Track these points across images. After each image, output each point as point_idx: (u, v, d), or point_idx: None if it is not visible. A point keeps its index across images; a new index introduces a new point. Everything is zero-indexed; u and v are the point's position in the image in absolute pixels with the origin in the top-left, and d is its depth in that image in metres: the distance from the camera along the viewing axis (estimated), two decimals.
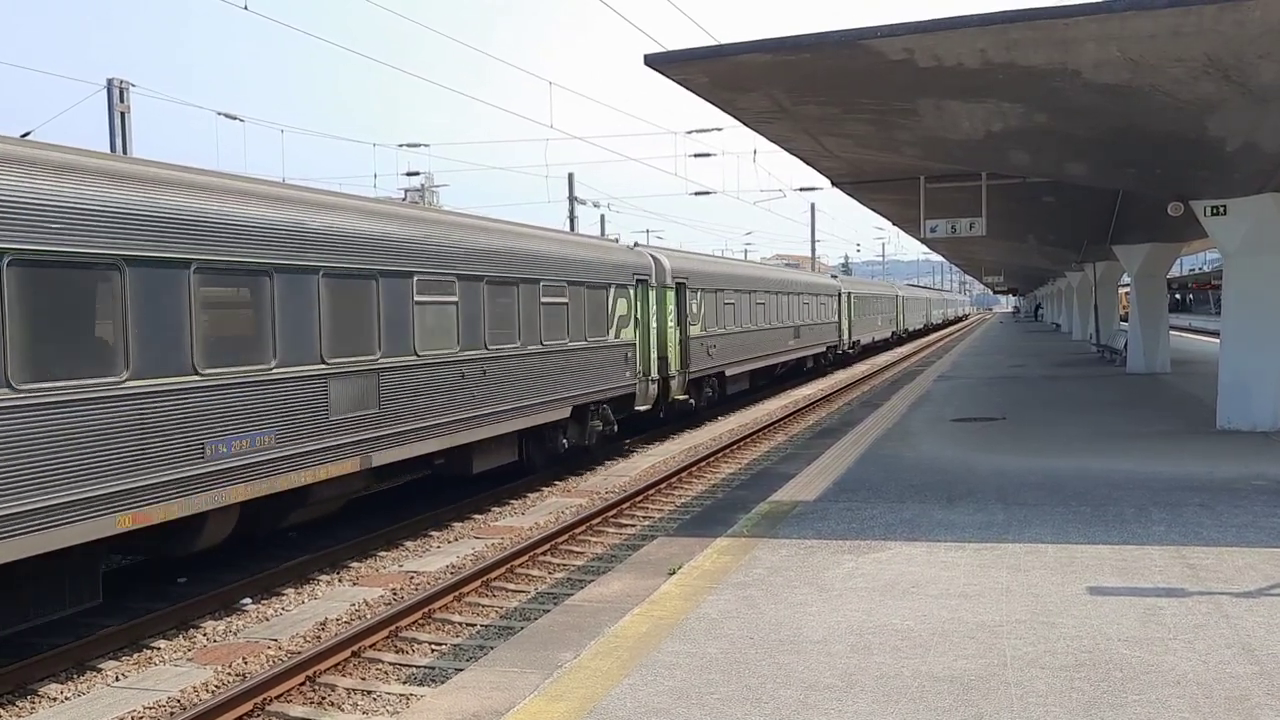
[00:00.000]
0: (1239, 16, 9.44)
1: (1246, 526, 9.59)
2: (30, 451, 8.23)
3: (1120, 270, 32.97)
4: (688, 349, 23.91)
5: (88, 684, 8.81)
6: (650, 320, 21.52)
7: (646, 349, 21.28)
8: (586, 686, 6.15)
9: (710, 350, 25.61)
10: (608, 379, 19.23)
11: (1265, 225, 15.51)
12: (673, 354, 22.97)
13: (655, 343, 21.81)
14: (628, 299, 20.31)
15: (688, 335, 23.88)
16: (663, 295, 22.47)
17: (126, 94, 22.43)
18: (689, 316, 24.12)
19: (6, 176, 8.29)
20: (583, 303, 18.37)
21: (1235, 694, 5.68)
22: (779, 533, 9.94)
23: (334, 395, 11.77)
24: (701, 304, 25.14)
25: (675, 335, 23.27)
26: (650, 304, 21.60)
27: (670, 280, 22.95)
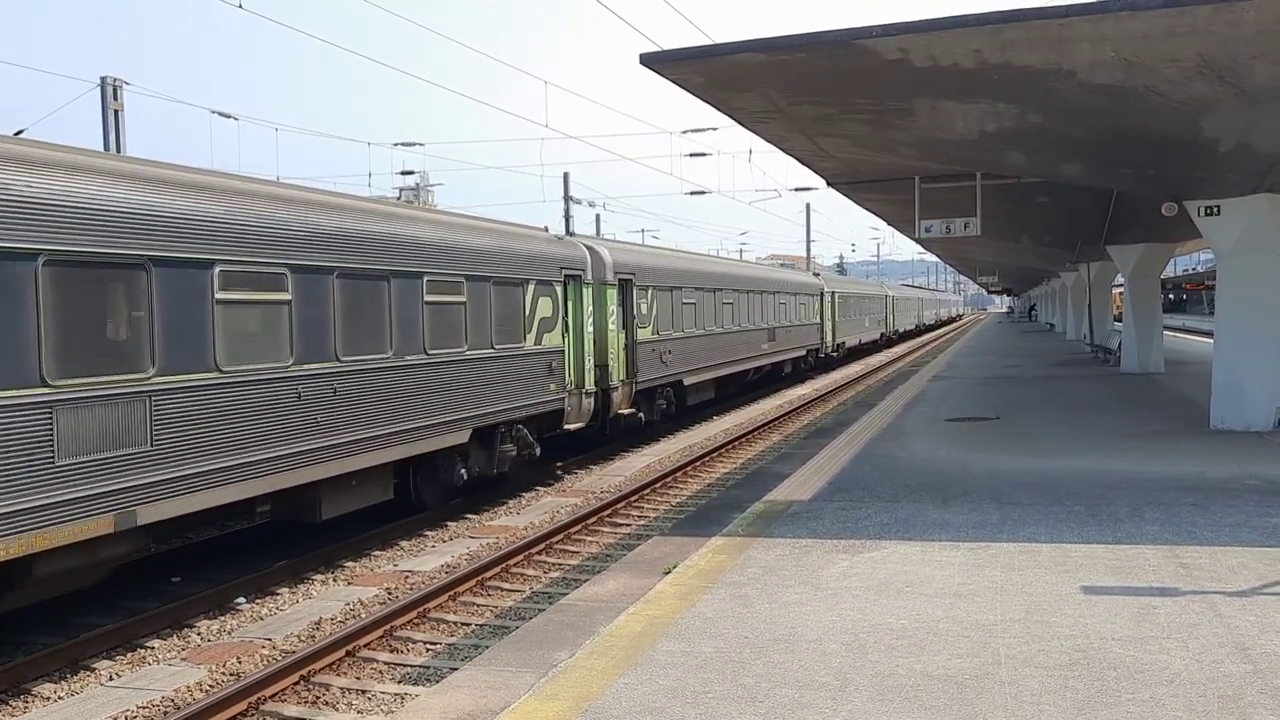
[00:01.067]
0: (1233, 17, 9.46)
1: (1240, 526, 9.61)
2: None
3: (1114, 270, 33.03)
4: (635, 356, 21.05)
5: (81, 683, 8.79)
6: (585, 323, 18.61)
7: (580, 357, 18.41)
8: (582, 686, 6.15)
9: (664, 357, 22.84)
10: (525, 394, 16.28)
11: (1259, 225, 15.55)
12: (615, 362, 20.10)
13: (592, 349, 18.90)
14: (553, 298, 17.35)
15: (635, 340, 21.07)
16: (602, 294, 19.57)
17: (120, 92, 22.38)
18: (637, 318, 21.34)
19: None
20: (487, 302, 15.26)
21: (1229, 693, 5.69)
22: (774, 532, 9.95)
23: (64, 430, 8.68)
24: (653, 304, 22.37)
25: (619, 340, 20.40)
26: (585, 304, 18.63)
27: (612, 276, 20.00)
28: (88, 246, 9.00)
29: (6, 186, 8.44)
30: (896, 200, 21.81)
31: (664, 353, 22.83)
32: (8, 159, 8.60)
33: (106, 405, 9.10)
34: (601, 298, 19.63)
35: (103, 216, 9.17)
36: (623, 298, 20.82)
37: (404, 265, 13.48)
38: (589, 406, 18.82)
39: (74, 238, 8.88)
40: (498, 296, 15.59)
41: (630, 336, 21.05)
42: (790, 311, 35.87)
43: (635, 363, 21.03)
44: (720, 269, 29.34)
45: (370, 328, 12.76)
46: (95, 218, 9.10)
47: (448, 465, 14.58)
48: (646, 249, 25.64)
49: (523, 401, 16.25)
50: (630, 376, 20.96)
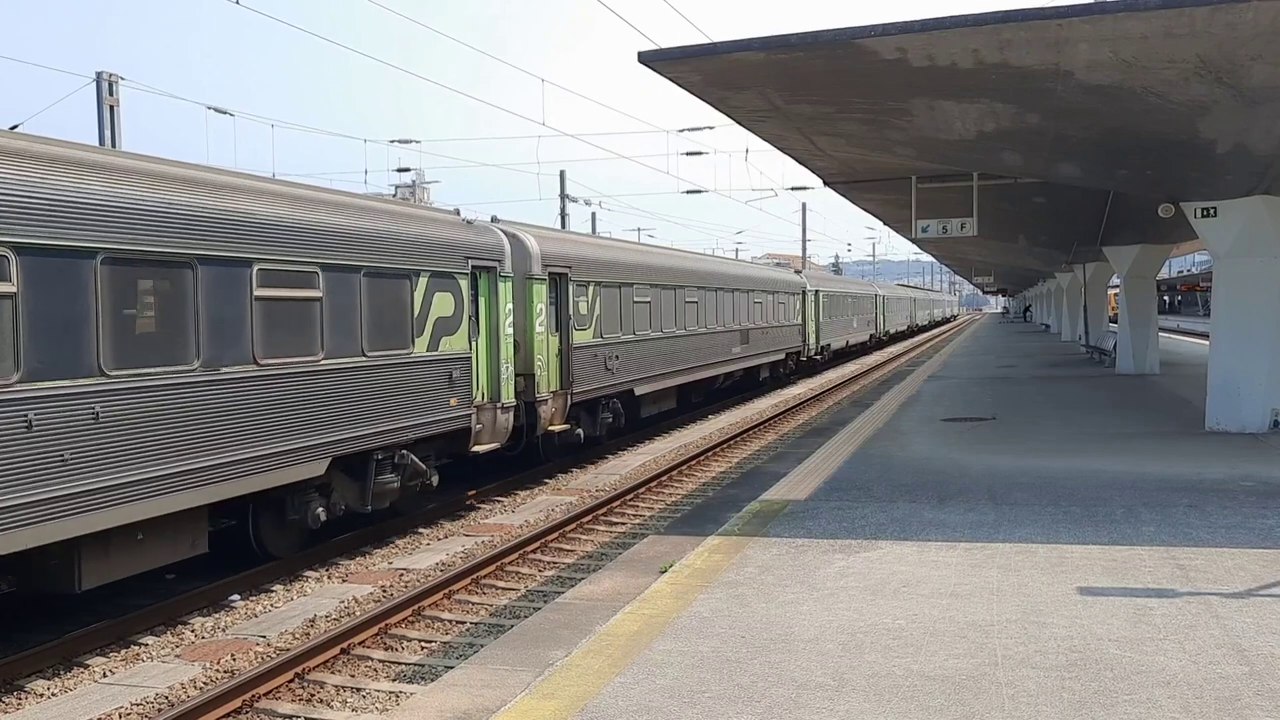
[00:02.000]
0: (1231, 18, 9.46)
1: (1236, 527, 9.62)
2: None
3: (1110, 271, 33.08)
4: (570, 362, 18.31)
5: (75, 680, 8.76)
6: (501, 324, 15.73)
7: (494, 365, 15.60)
8: (578, 685, 6.13)
9: (610, 363, 19.91)
10: (414, 410, 13.38)
11: (1255, 227, 15.56)
12: (544, 371, 17.35)
13: (511, 356, 16.13)
14: (455, 294, 14.47)
15: (570, 344, 18.32)
16: (527, 290, 16.92)
17: (116, 87, 22.32)
18: (574, 319, 18.56)
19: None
20: (355, 298, 12.37)
21: (1226, 694, 5.69)
22: (770, 532, 9.94)
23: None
24: (596, 302, 19.55)
25: (549, 345, 17.74)
26: (501, 301, 15.75)
27: (539, 269, 17.25)
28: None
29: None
30: (893, 200, 21.83)
31: (609, 358, 19.89)
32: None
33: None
34: (526, 294, 16.91)
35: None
36: (555, 295, 18.12)
37: (220, 249, 10.40)
38: (506, 423, 15.84)
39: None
40: (372, 291, 12.65)
41: (565, 340, 18.29)
42: (767, 311, 33.10)
43: (570, 371, 18.30)
44: (682, 263, 25.95)
45: (164, 330, 9.85)
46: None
47: (299, 504, 11.78)
48: (588, 239, 22.10)
49: (410, 420, 13.30)
50: (565, 387, 18.17)
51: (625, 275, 21.24)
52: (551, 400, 17.66)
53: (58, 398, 8.68)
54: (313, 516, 11.92)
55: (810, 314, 39.61)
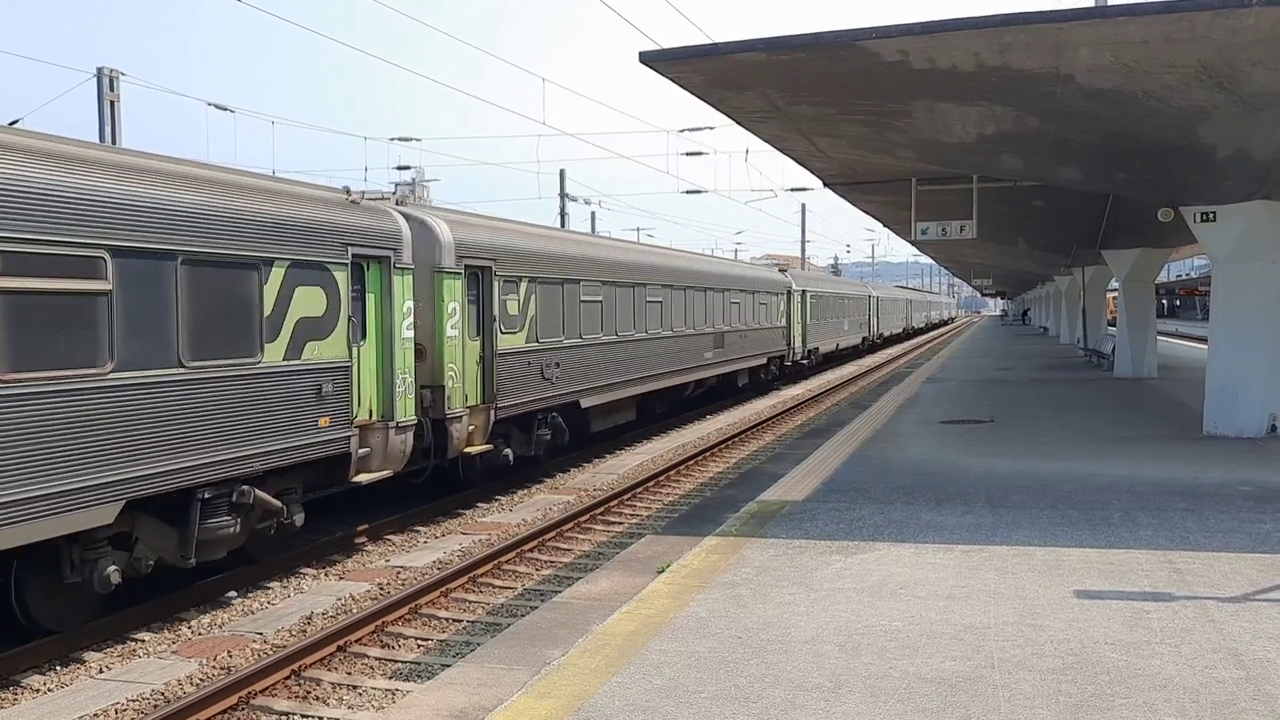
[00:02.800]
0: (1232, 24, 9.47)
1: (1232, 532, 9.63)
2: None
3: (1108, 275, 33.09)
4: (493, 371, 15.64)
5: (71, 675, 8.76)
6: (397, 326, 13.12)
7: (384, 375, 13.04)
8: (574, 684, 6.14)
9: (548, 371, 17.38)
10: (265, 434, 10.88)
11: (1255, 232, 15.58)
12: (458, 381, 14.66)
13: (411, 364, 13.46)
14: (328, 288, 11.92)
15: (494, 350, 15.65)
16: (435, 285, 14.24)
17: (116, 83, 22.32)
18: (500, 320, 15.89)
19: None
20: (169, 292, 9.79)
21: (1222, 699, 5.70)
22: (767, 532, 9.95)
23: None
24: (530, 301, 16.95)
25: (467, 350, 15.06)
26: (397, 298, 13.16)
27: (453, 261, 14.55)
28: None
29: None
30: (893, 202, 21.83)
31: (546, 366, 17.31)
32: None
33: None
34: (435, 291, 14.23)
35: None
36: (475, 291, 15.47)
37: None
38: (403, 445, 13.25)
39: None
40: (196, 284, 10.06)
41: (488, 345, 15.63)
42: (745, 312, 30.60)
43: (494, 381, 15.64)
44: (643, 258, 23.19)
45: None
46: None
47: (82, 561, 9.27)
48: (521, 227, 18.39)
49: (258, 447, 10.75)
50: (487, 400, 15.53)
51: (570, 270, 18.54)
52: (468, 416, 14.93)
53: None
54: (100, 579, 9.25)
55: (796, 315, 37.25)
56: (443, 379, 14.35)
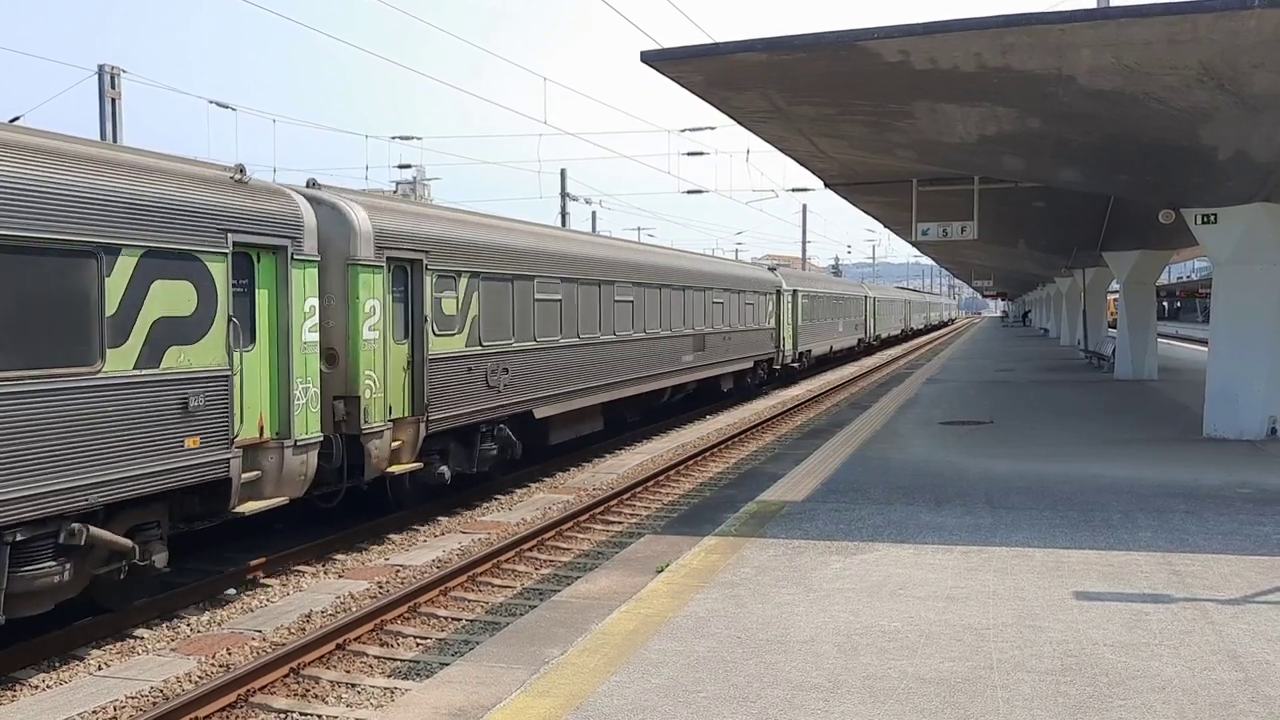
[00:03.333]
0: (1234, 26, 9.47)
1: (1232, 534, 9.63)
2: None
3: (1109, 276, 33.08)
4: (424, 379, 13.83)
5: (70, 673, 8.76)
6: (297, 327, 11.44)
7: (279, 385, 11.32)
8: (573, 683, 6.14)
9: (494, 378, 15.54)
10: (107, 460, 9.12)
11: (1255, 234, 15.57)
12: (379, 391, 12.88)
13: (312, 372, 11.70)
14: (200, 282, 10.16)
15: (425, 354, 13.86)
16: (350, 280, 12.51)
17: (118, 80, 22.32)
18: (433, 320, 14.08)
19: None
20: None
21: (1220, 700, 5.70)
22: (767, 532, 9.95)
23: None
24: (472, 299, 15.09)
25: (392, 356, 13.25)
26: (297, 295, 11.48)
27: (372, 252, 12.81)
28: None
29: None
30: (894, 203, 21.83)
31: (492, 372, 15.51)
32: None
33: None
34: (349, 287, 12.53)
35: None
36: (403, 288, 13.72)
37: None
38: (304, 467, 11.53)
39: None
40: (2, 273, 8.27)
41: (417, 349, 13.86)
42: (730, 313, 28.83)
43: (425, 390, 13.82)
44: (609, 254, 21.10)
45: None
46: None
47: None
48: (459, 215, 16.45)
49: (97, 475, 9.00)
50: (417, 411, 13.75)
51: (522, 265, 16.71)
52: (392, 431, 13.16)
53: None
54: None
55: (786, 316, 35.46)
56: (358, 388, 12.53)
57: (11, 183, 8.30)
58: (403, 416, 13.52)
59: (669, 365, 23.84)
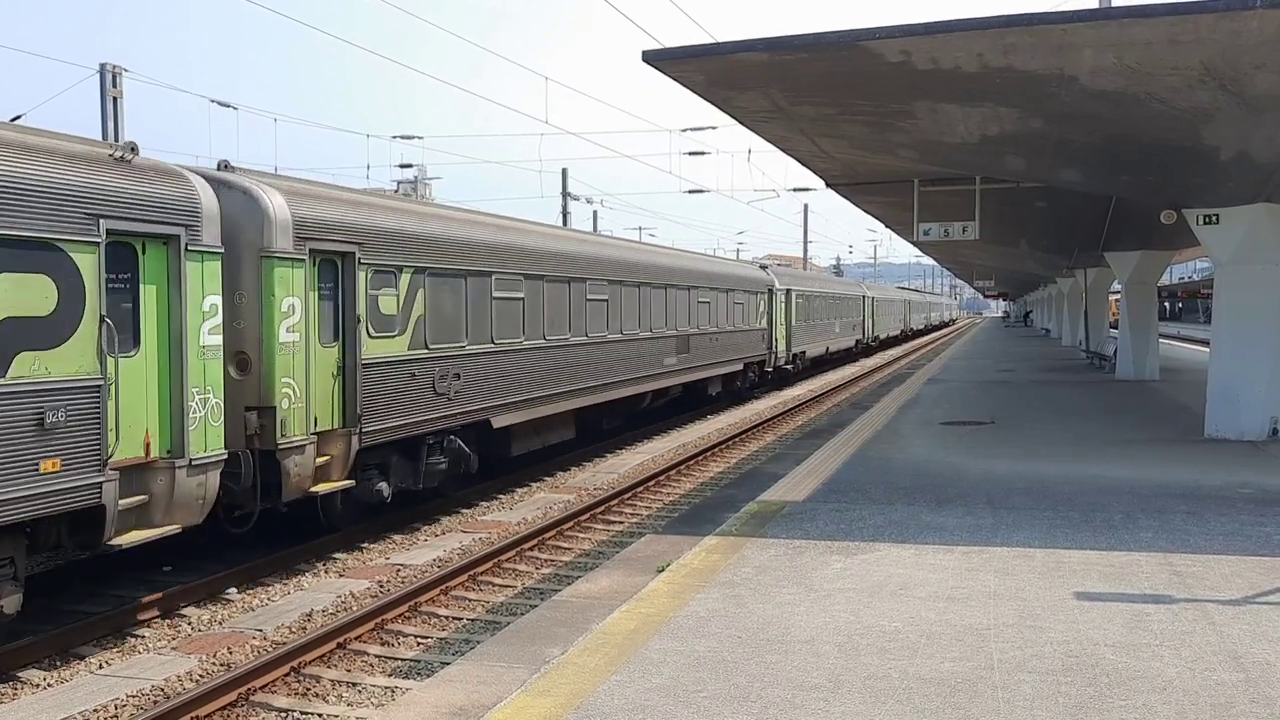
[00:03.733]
0: (1236, 26, 9.47)
1: (1233, 535, 9.63)
2: None
3: (1111, 277, 33.09)
4: (357, 386, 12.39)
5: (71, 671, 8.77)
6: (192, 329, 10.00)
7: (170, 396, 9.88)
8: (574, 682, 6.14)
9: (443, 384, 14.22)
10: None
11: (1257, 235, 15.57)
12: (300, 401, 11.47)
13: (213, 380, 10.25)
14: (61, 278, 8.76)
15: (360, 359, 12.48)
16: (264, 275, 11.14)
17: (120, 79, 22.33)
18: (369, 321, 12.68)
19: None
20: None
21: (1221, 701, 5.70)
22: (767, 532, 9.95)
23: None
24: (417, 297, 13.69)
25: (318, 361, 11.90)
26: (193, 292, 10.03)
27: (291, 243, 11.45)
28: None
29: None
30: (895, 203, 21.83)
31: (440, 377, 14.11)
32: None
33: None
34: (263, 282, 11.17)
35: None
36: (332, 284, 12.28)
37: None
38: (201, 490, 10.09)
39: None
40: None
41: (349, 353, 12.41)
42: (717, 313, 27.42)
43: (358, 398, 12.40)
44: (581, 249, 19.43)
45: None
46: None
47: None
48: (402, 204, 15.01)
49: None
50: (348, 423, 12.31)
51: (476, 260, 15.17)
52: (317, 445, 11.76)
53: None
54: None
55: (780, 316, 34.01)
56: (274, 398, 11.13)
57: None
58: (331, 428, 12.09)
59: (649, 369, 22.36)
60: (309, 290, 11.72)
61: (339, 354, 12.35)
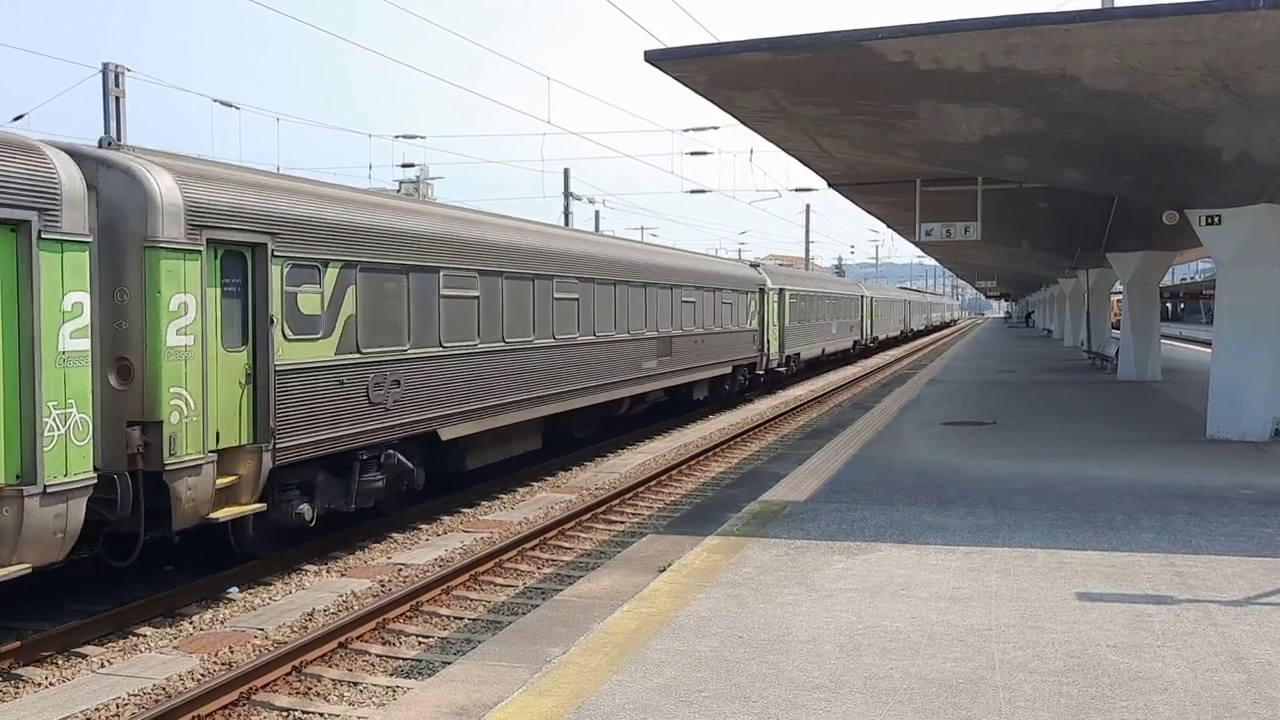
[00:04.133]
0: (1239, 27, 9.46)
1: (1235, 535, 9.62)
2: None
3: (1113, 277, 33.06)
4: (270, 395, 10.97)
5: (73, 670, 8.78)
6: (47, 332, 8.66)
7: (15, 413, 8.53)
8: (575, 682, 6.14)
9: (379, 392, 12.72)
10: None
11: (1259, 235, 15.56)
12: (197, 414, 10.06)
13: (77, 392, 8.91)
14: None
15: (274, 364, 11.08)
16: (150, 268, 9.74)
17: (122, 79, 22.35)
18: (285, 320, 11.26)
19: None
20: None
21: (1223, 702, 5.69)
22: (769, 532, 9.94)
23: None
24: (347, 294, 12.26)
25: (222, 367, 10.52)
26: (49, 288, 8.71)
27: (182, 231, 9.97)
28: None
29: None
30: (897, 203, 21.83)
31: (375, 385, 12.63)
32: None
33: None
34: (147, 276, 9.71)
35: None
36: (239, 280, 10.87)
37: None
38: (62, 521, 8.76)
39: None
40: None
41: (261, 358, 10.98)
42: (703, 314, 26.08)
43: (271, 409, 10.97)
44: (545, 243, 17.84)
45: None
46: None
47: None
48: (329, 191, 13.02)
49: None
50: (260, 437, 10.91)
51: (421, 254, 13.73)
52: (217, 464, 10.34)
53: None
54: None
55: (772, 317, 32.67)
56: (160, 411, 9.66)
57: None
58: (238, 445, 10.68)
59: (625, 373, 20.88)
60: (207, 286, 10.29)
61: (248, 359, 10.88)
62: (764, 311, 31.86)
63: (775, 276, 34.56)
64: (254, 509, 10.88)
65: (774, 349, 33.07)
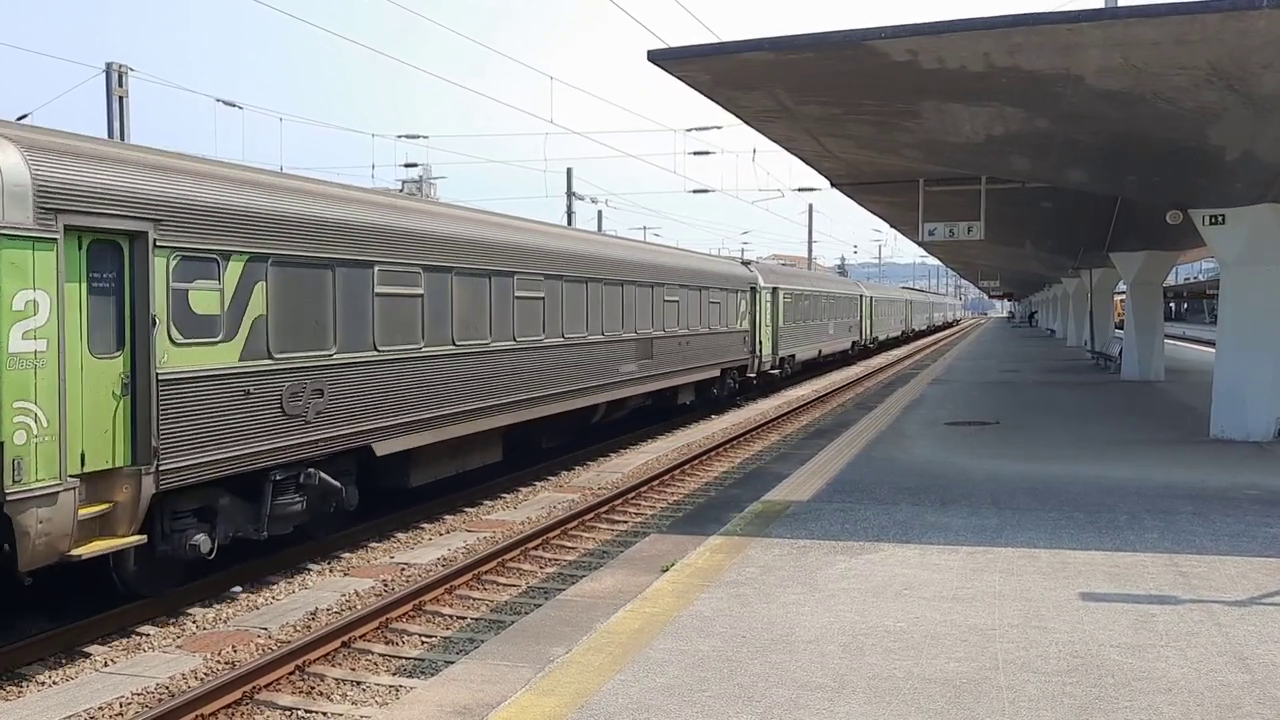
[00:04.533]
0: (1243, 26, 9.45)
1: (1239, 535, 9.60)
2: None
3: (1116, 277, 33.03)
4: (153, 409, 9.48)
5: (76, 669, 8.78)
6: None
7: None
8: (578, 682, 6.14)
9: (296, 402, 11.28)
10: None
11: (1263, 235, 15.54)
12: (53, 433, 8.54)
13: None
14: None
15: (157, 373, 9.57)
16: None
17: (125, 78, 22.37)
18: (174, 322, 9.79)
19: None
20: None
21: (1227, 702, 5.68)
22: (772, 532, 9.94)
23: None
24: (254, 291, 10.78)
25: (90, 377, 9.04)
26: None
27: (32, 216, 8.44)
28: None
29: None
30: (900, 203, 21.82)
31: (291, 395, 11.19)
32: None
33: None
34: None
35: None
36: (114, 274, 9.34)
37: None
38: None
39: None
40: None
41: (140, 365, 9.50)
42: (688, 313, 24.65)
43: (153, 426, 9.46)
44: (505, 236, 16.24)
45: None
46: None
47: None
48: (231, 172, 11.19)
49: None
50: (140, 458, 9.41)
51: (350, 246, 12.23)
52: (78, 493, 8.79)
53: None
54: None
55: (764, 317, 31.26)
56: (2, 433, 8.14)
57: None
58: (111, 467, 9.17)
59: (600, 378, 19.37)
60: (67, 282, 8.73)
61: (124, 367, 9.34)
62: (756, 311, 30.56)
63: (768, 275, 33.17)
64: (131, 541, 9.25)
65: (766, 350, 31.78)
